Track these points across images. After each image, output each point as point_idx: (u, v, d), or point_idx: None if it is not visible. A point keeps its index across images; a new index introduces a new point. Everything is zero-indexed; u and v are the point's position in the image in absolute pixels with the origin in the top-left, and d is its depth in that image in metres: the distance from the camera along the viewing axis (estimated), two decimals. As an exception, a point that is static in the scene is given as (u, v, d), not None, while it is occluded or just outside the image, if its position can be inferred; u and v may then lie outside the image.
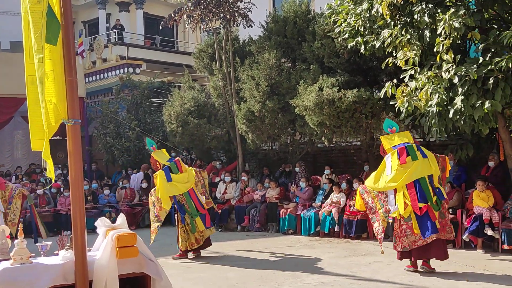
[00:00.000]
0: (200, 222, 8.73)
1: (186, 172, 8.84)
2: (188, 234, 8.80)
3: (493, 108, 7.32)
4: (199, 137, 13.73)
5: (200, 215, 8.78)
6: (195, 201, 8.77)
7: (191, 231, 8.75)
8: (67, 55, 3.67)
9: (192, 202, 8.74)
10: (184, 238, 8.82)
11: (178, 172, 8.74)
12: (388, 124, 7.51)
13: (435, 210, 6.94)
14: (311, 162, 13.39)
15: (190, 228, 8.74)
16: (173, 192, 8.64)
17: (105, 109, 16.50)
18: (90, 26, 23.88)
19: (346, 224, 10.18)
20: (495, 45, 7.53)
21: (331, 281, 6.84)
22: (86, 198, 13.28)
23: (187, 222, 8.77)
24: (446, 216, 7.09)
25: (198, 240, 8.84)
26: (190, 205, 8.73)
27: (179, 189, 8.66)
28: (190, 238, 8.80)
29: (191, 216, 8.72)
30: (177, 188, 8.65)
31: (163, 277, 3.87)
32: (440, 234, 6.95)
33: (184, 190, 8.69)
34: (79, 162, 3.72)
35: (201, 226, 8.73)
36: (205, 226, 8.78)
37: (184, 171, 8.81)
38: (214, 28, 13.52)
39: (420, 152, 7.07)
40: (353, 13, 8.85)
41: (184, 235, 8.82)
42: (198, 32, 18.80)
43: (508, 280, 6.64)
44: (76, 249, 3.62)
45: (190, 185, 8.78)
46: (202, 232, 8.83)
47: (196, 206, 8.75)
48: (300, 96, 10.49)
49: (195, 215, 8.71)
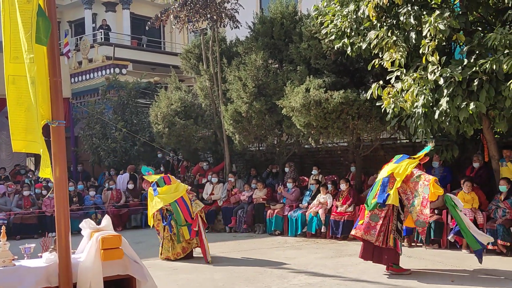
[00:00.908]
0: (186, 231, 8.70)
1: (174, 183, 8.88)
2: (174, 243, 8.78)
3: (478, 109, 7.40)
4: (186, 138, 13.69)
5: (188, 225, 8.72)
6: (184, 210, 8.72)
7: (177, 241, 8.73)
8: (51, 55, 3.63)
9: (180, 212, 8.70)
10: (168, 247, 8.78)
11: (165, 185, 8.79)
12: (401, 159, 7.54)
13: (367, 209, 7.15)
14: (298, 163, 13.41)
15: (176, 238, 8.72)
16: (159, 205, 8.67)
17: (91, 110, 16.37)
18: (76, 26, 23.69)
19: (332, 224, 10.21)
20: (479, 47, 7.62)
21: (318, 282, 6.86)
22: (72, 199, 13.16)
23: (173, 231, 8.73)
24: (379, 221, 6.98)
25: (185, 249, 8.81)
26: (177, 215, 8.69)
27: (165, 199, 8.68)
28: (176, 247, 8.77)
29: (177, 226, 8.70)
30: (163, 199, 8.67)
31: (149, 279, 3.84)
32: (359, 232, 7.16)
33: (170, 200, 8.68)
34: (63, 163, 3.68)
35: (187, 235, 8.70)
36: (191, 235, 8.71)
37: (172, 183, 8.85)
38: (201, 29, 13.49)
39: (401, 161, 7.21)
40: (340, 15, 8.89)
41: (168, 244, 8.79)
42: (185, 32, 18.77)
43: (492, 280, 6.71)
44: (60, 251, 3.58)
45: (179, 195, 8.75)
46: (191, 241, 8.80)
47: (184, 216, 8.71)
48: (287, 97, 10.50)
49: (180, 225, 8.68)
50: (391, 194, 6.99)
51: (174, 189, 8.79)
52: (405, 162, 7.16)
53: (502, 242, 8.11)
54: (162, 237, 8.85)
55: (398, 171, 7.06)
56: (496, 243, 8.15)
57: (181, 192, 8.79)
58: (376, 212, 7.06)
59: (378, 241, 7.00)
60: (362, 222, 7.19)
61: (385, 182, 7.13)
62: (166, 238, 8.80)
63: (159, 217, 8.85)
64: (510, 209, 8.35)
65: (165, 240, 8.82)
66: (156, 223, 8.89)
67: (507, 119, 7.67)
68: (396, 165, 7.20)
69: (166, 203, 8.67)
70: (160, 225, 8.83)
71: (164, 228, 8.80)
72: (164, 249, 8.82)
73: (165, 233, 8.80)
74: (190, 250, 8.87)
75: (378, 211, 7.06)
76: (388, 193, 7.01)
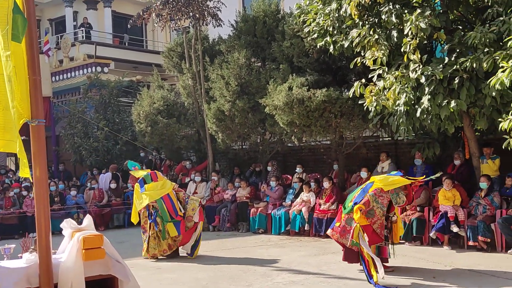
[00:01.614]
0: (172, 228, 8.65)
1: (161, 180, 8.87)
2: (159, 240, 8.73)
3: (459, 107, 7.48)
4: (169, 136, 13.61)
5: (174, 221, 8.69)
6: (169, 207, 8.70)
7: (162, 237, 8.69)
8: (30, 53, 3.57)
9: (165, 208, 8.67)
10: (155, 245, 8.73)
11: (152, 182, 8.76)
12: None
13: (343, 212, 7.12)
14: (281, 162, 13.43)
15: (161, 234, 8.67)
16: (145, 202, 8.65)
17: (72, 109, 16.19)
18: (56, 24, 23.35)
19: (316, 222, 10.24)
20: (460, 45, 7.71)
21: (301, 280, 6.87)
22: (53, 199, 13.00)
23: (159, 228, 8.69)
24: (351, 225, 6.89)
25: (170, 246, 8.78)
26: (163, 211, 8.66)
27: (151, 196, 8.66)
28: (162, 244, 8.73)
29: (163, 222, 8.66)
30: (150, 196, 8.65)
31: (131, 279, 3.81)
32: (335, 235, 7.11)
33: (156, 196, 8.66)
34: (43, 162, 3.63)
35: (172, 232, 8.65)
36: (177, 232, 8.67)
37: (159, 180, 8.83)
38: (183, 27, 13.42)
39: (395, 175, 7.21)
40: (322, 13, 8.92)
41: (154, 241, 8.74)
42: (167, 31, 18.65)
43: (473, 275, 6.80)
44: (40, 251, 3.52)
45: (165, 192, 8.74)
46: (177, 238, 8.76)
47: (169, 212, 8.68)
48: (270, 95, 10.50)
49: (166, 221, 8.64)
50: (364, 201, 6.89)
51: (160, 186, 8.78)
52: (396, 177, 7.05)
53: (482, 238, 8.22)
54: (148, 235, 8.79)
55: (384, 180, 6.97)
56: (477, 239, 8.26)
57: (167, 189, 8.78)
58: (352, 216, 6.94)
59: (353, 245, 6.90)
60: (338, 225, 7.11)
61: (367, 188, 7.06)
62: (152, 236, 8.75)
63: (146, 214, 8.80)
64: (490, 205, 8.47)
65: (151, 238, 8.75)
66: (144, 220, 8.83)
67: (487, 117, 7.77)
68: (387, 176, 7.16)
69: (152, 200, 8.65)
70: (147, 223, 8.78)
71: (150, 225, 8.75)
72: (151, 247, 8.75)
73: (151, 231, 8.74)
74: (176, 247, 8.83)
75: (353, 215, 6.92)
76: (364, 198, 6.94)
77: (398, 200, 6.90)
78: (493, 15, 7.47)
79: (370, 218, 6.81)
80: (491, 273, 6.86)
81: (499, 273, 6.81)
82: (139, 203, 8.73)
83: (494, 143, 9.06)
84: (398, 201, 6.92)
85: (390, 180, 6.93)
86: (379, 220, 6.87)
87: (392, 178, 6.99)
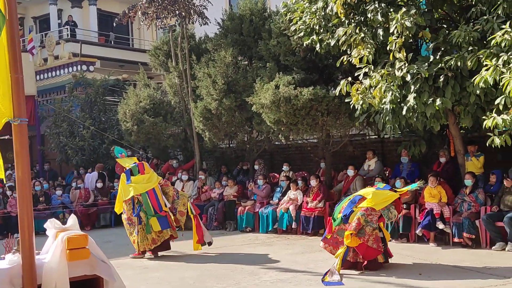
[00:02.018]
0: (155, 222, 8.63)
1: (148, 173, 8.83)
2: (144, 234, 8.71)
3: (444, 105, 7.54)
4: (155, 135, 13.54)
5: (158, 216, 8.67)
6: (153, 201, 8.68)
7: (146, 231, 8.67)
8: (12, 51, 3.51)
9: (149, 202, 8.65)
10: (142, 239, 8.73)
11: (139, 174, 8.73)
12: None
13: (334, 224, 7.14)
14: (269, 160, 13.44)
15: (145, 228, 8.66)
16: (130, 194, 8.61)
17: (57, 108, 16.05)
18: (40, 22, 23.09)
19: (303, 220, 10.26)
20: (444, 44, 7.77)
21: (289, 278, 6.88)
22: (38, 199, 12.89)
23: (143, 222, 8.68)
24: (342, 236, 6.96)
25: (155, 240, 8.74)
26: (147, 205, 8.64)
27: (136, 189, 8.63)
28: (148, 238, 8.72)
29: (146, 216, 8.64)
30: (134, 189, 8.62)
31: (116, 279, 3.77)
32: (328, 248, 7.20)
33: (142, 190, 8.64)
34: (26, 161, 3.57)
35: (156, 227, 8.63)
36: (161, 227, 8.66)
37: (146, 173, 8.79)
38: (169, 26, 13.35)
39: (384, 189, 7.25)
40: (308, 12, 8.93)
41: (141, 235, 8.73)
42: (153, 29, 18.54)
43: (458, 271, 6.86)
44: (23, 252, 3.47)
45: (151, 186, 8.72)
46: (161, 233, 8.74)
47: (153, 207, 8.67)
48: (257, 94, 10.49)
49: (150, 216, 8.63)
50: (354, 212, 6.95)
51: (147, 179, 8.75)
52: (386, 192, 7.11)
53: (467, 235, 8.30)
54: (136, 229, 8.74)
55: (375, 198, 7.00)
56: (462, 236, 8.34)
57: (153, 183, 8.76)
58: (342, 227, 7.02)
59: (349, 256, 6.98)
60: (330, 237, 7.15)
61: (355, 200, 7.08)
62: (140, 230, 8.74)
63: (131, 207, 8.77)
64: (475, 202, 8.55)
65: (140, 232, 8.74)
66: (130, 212, 8.76)
67: (472, 115, 7.84)
68: (376, 190, 7.17)
69: (137, 193, 8.63)
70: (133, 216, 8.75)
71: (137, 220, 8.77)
72: (140, 241, 8.73)
73: (138, 226, 8.75)
74: (160, 242, 8.79)
75: (344, 226, 7.01)
76: (353, 210, 6.97)
77: (390, 215, 7.05)
78: (477, 14, 7.53)
79: (362, 237, 6.88)
80: (476, 269, 6.93)
81: (483, 269, 6.88)
82: (125, 194, 8.67)
83: (478, 141, 9.16)
84: (390, 216, 7.07)
85: (381, 199, 7.00)
86: (372, 236, 6.92)
87: (382, 196, 7.04)
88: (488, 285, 6.10)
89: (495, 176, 8.70)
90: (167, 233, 8.81)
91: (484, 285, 6.09)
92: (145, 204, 8.64)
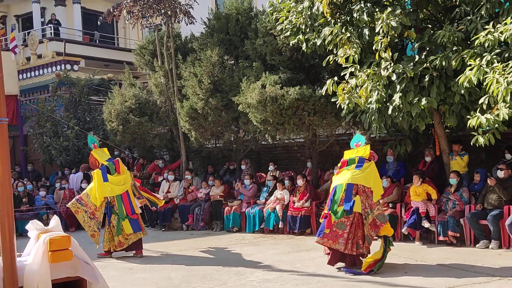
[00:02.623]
0: (127, 225, 8.70)
1: (124, 174, 8.86)
2: (112, 235, 8.77)
3: (429, 104, 7.59)
4: (141, 135, 13.44)
5: (130, 219, 8.72)
6: (126, 204, 8.75)
7: (116, 233, 8.72)
8: (-8, 49, 3.45)
9: (123, 205, 8.72)
10: (108, 239, 8.81)
11: (116, 173, 8.75)
12: (357, 139, 7.45)
13: (334, 218, 6.94)
14: (255, 160, 13.42)
15: (115, 230, 8.72)
16: (107, 193, 8.65)
17: (41, 107, 15.83)
18: (23, 20, 22.82)
19: (290, 220, 10.26)
20: (429, 44, 7.82)
21: (275, 277, 6.86)
22: (21, 200, 12.72)
23: (112, 224, 8.74)
24: (346, 229, 6.90)
25: (121, 243, 8.80)
26: (120, 208, 8.71)
27: (113, 190, 8.66)
28: (114, 240, 8.78)
29: (119, 219, 8.69)
30: (111, 190, 8.64)
31: (100, 280, 3.71)
32: (327, 242, 6.98)
33: (118, 192, 8.71)
34: (6, 162, 3.51)
35: (128, 229, 8.69)
36: (133, 230, 8.72)
37: (121, 172, 8.83)
38: (155, 25, 13.25)
39: (358, 164, 7.07)
40: (295, 11, 8.93)
41: (109, 236, 8.82)
42: (139, 28, 18.41)
43: (442, 269, 6.90)
44: (4, 254, 3.40)
45: (125, 188, 8.78)
46: (129, 236, 8.76)
47: (126, 209, 8.72)
48: (243, 93, 10.47)
49: (123, 219, 8.68)
50: (356, 201, 6.87)
51: (123, 181, 8.80)
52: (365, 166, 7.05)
53: (452, 233, 8.36)
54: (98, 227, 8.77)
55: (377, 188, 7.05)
56: (447, 234, 8.40)
57: (127, 185, 8.82)
58: (343, 220, 6.90)
59: (347, 249, 6.90)
60: (328, 231, 6.97)
61: (350, 188, 6.92)
62: (107, 230, 8.84)
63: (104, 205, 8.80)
64: (459, 201, 8.62)
65: (106, 232, 8.85)
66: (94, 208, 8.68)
67: (456, 114, 7.90)
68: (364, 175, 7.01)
69: (113, 194, 8.68)
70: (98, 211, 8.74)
71: (105, 218, 8.86)
72: (105, 241, 8.84)
73: (106, 226, 8.86)
74: (127, 245, 8.81)
75: (345, 218, 6.91)
76: (354, 200, 6.87)
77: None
78: (461, 14, 7.59)
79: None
80: (460, 267, 6.98)
81: (467, 267, 6.93)
82: (102, 192, 8.61)
83: (463, 140, 9.23)
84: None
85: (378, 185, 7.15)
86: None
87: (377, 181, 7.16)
88: (472, 282, 6.15)
89: (479, 175, 8.79)
90: (136, 236, 8.83)
91: (468, 283, 6.13)
92: (119, 206, 8.69)
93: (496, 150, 8.85)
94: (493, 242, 8.01)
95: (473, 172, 8.98)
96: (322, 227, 7.07)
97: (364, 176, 6.98)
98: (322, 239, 7.05)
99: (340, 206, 6.91)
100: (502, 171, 8.30)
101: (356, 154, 7.19)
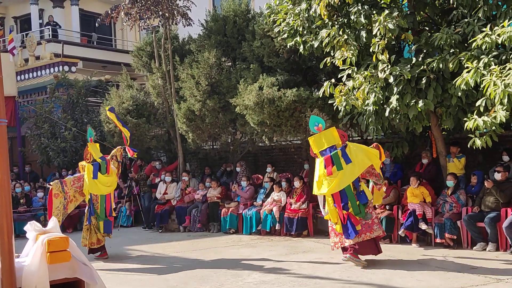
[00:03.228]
0: (102, 226, 8.89)
1: (112, 176, 9.04)
2: (91, 232, 8.90)
3: (426, 107, 7.61)
4: (138, 137, 13.43)
5: (105, 220, 8.92)
6: (107, 206, 8.93)
7: (98, 230, 8.89)
8: (-9, 50, 3.45)
9: (105, 206, 8.89)
10: (86, 236, 8.93)
11: (106, 173, 8.93)
12: (314, 122, 7.45)
13: (357, 215, 7.19)
14: (252, 161, 13.43)
15: (96, 227, 8.89)
16: (94, 191, 8.81)
17: (39, 109, 15.83)
18: (21, 22, 22.79)
19: (287, 222, 10.27)
20: (427, 46, 7.84)
21: (272, 279, 6.87)
22: (19, 201, 12.71)
23: (93, 222, 8.89)
24: (372, 216, 7.36)
25: (99, 241, 8.98)
26: (101, 208, 8.86)
27: (100, 189, 8.84)
28: (92, 237, 8.90)
29: (98, 219, 8.87)
30: (98, 188, 8.81)
31: (98, 281, 3.71)
32: (366, 235, 7.26)
33: (104, 192, 8.89)
34: (5, 163, 3.51)
35: (101, 229, 8.90)
36: (104, 231, 8.94)
37: (110, 174, 9.00)
38: (152, 26, 13.27)
39: (344, 158, 7.14)
40: (292, 13, 8.95)
41: (87, 232, 8.93)
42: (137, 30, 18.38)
43: (439, 272, 6.91)
44: (2, 255, 3.41)
45: (111, 190, 9.03)
46: (104, 235, 9.01)
47: (106, 211, 8.91)
48: (241, 95, 10.48)
49: (101, 219, 8.87)
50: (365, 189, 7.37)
51: (110, 182, 8.98)
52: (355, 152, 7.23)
53: (449, 235, 8.38)
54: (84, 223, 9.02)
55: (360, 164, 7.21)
56: (444, 236, 8.41)
57: (112, 188, 9.10)
58: (367, 211, 7.30)
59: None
60: (360, 227, 7.23)
61: (356, 183, 7.30)
62: (85, 227, 8.96)
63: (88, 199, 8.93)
64: (456, 203, 8.64)
65: (84, 228, 8.99)
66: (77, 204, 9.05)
67: (453, 116, 7.93)
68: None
69: (99, 193, 8.84)
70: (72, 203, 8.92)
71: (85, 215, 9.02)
72: (83, 237, 8.93)
73: (85, 222, 8.98)
74: (103, 243, 9.02)
75: (366, 209, 7.29)
76: (362, 190, 7.32)
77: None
78: (458, 17, 7.63)
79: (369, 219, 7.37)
80: (457, 269, 6.99)
81: (464, 269, 6.95)
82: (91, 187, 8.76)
83: (460, 142, 9.26)
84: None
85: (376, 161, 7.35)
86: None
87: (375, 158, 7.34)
88: (470, 285, 6.16)
89: (476, 177, 8.81)
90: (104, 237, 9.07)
91: (465, 285, 6.15)
92: (101, 206, 8.85)
93: (493, 153, 8.89)
94: (490, 245, 8.03)
95: (470, 174, 9.01)
96: (351, 227, 7.15)
97: (359, 163, 7.20)
98: (358, 236, 7.23)
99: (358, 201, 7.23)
100: (499, 174, 8.32)
101: (328, 143, 7.24)
